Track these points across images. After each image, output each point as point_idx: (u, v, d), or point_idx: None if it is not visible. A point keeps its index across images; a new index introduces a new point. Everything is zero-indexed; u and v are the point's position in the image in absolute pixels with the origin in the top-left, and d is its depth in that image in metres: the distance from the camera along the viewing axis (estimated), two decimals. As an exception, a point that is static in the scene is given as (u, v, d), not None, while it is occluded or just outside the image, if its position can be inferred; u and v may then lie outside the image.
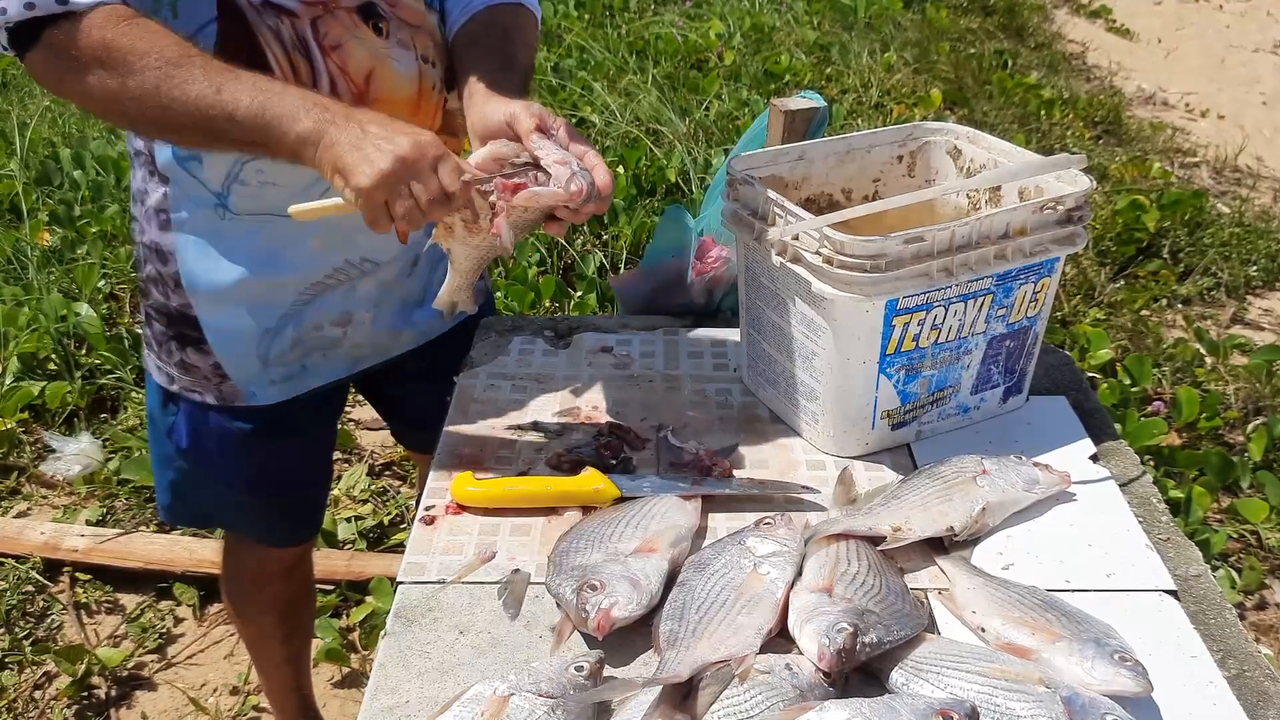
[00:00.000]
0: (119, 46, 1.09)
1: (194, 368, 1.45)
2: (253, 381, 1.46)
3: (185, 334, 1.43)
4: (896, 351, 1.28)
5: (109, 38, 1.08)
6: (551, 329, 1.65)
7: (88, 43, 1.09)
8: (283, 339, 1.44)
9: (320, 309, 1.45)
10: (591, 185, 1.12)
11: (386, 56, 1.28)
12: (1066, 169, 1.32)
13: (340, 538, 2.61)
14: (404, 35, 1.30)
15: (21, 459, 2.87)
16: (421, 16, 1.33)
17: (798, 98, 1.74)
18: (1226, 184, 4.85)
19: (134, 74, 1.09)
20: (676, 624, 1.02)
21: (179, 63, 1.09)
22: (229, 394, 1.46)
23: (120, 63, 1.09)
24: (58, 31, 1.09)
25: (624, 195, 3.83)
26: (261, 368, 1.45)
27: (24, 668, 2.31)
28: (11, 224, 3.76)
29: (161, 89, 1.08)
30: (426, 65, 1.33)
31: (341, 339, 1.49)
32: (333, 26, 1.24)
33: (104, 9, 1.10)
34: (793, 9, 6.34)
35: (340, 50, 1.25)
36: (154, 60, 1.08)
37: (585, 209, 1.14)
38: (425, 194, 1.06)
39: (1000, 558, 1.18)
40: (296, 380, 1.49)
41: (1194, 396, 2.93)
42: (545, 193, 1.11)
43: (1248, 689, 1.03)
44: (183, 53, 1.10)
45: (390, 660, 1.06)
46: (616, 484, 1.24)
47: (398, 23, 1.30)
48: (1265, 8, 7.70)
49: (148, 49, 1.09)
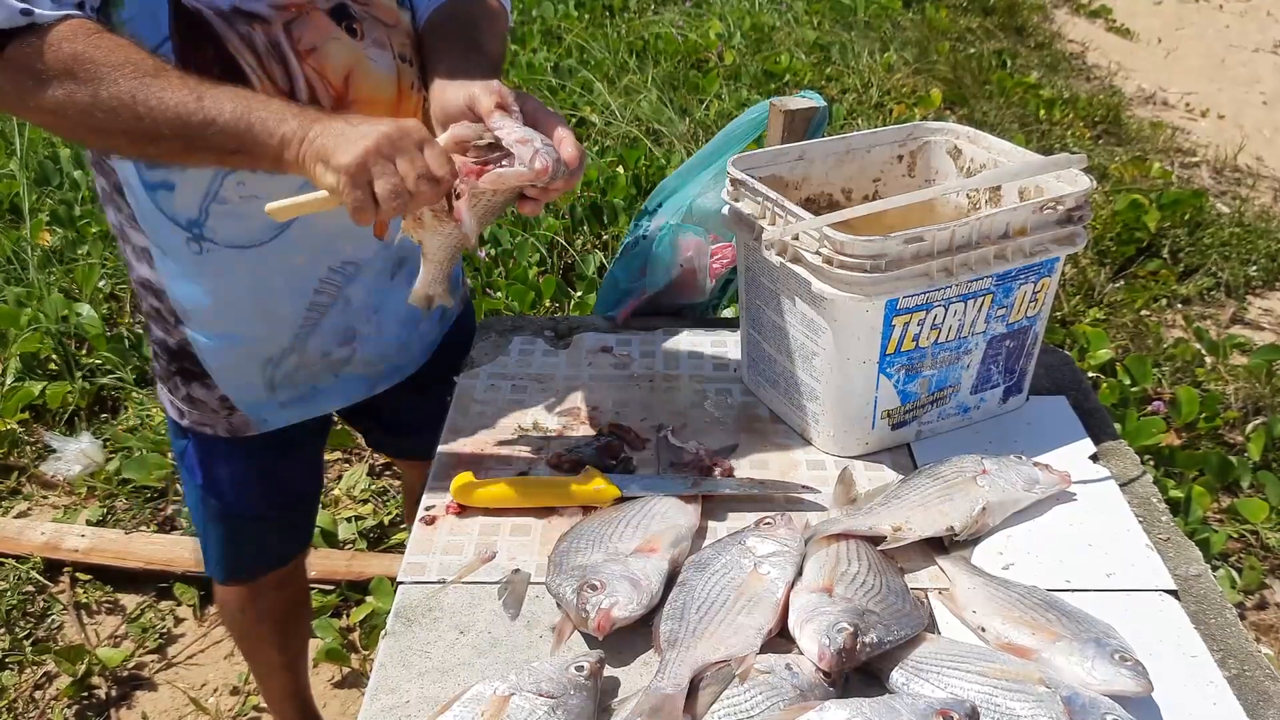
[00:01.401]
0: (90, 58, 1.05)
1: (201, 402, 1.44)
2: (262, 408, 1.44)
3: (188, 369, 1.41)
4: (896, 351, 1.28)
5: (79, 49, 1.05)
6: (551, 329, 1.65)
7: (56, 56, 1.05)
8: (286, 365, 1.42)
9: (323, 335, 1.42)
10: (557, 161, 1.07)
11: (363, 57, 1.26)
12: (1066, 169, 1.32)
13: (340, 538, 2.61)
14: (379, 35, 1.28)
15: (22, 459, 2.87)
16: (395, 15, 1.31)
17: (798, 98, 1.74)
18: (1226, 184, 4.85)
19: (107, 84, 1.05)
20: (677, 624, 1.03)
21: (155, 73, 1.06)
22: (239, 425, 1.45)
23: (92, 74, 1.05)
24: (22, 45, 1.05)
25: (624, 195, 3.83)
26: (269, 394, 1.44)
27: (24, 668, 2.31)
28: (12, 224, 3.76)
29: (138, 98, 1.05)
30: (404, 64, 1.31)
31: (352, 356, 1.47)
32: (306, 30, 1.21)
33: (71, 22, 1.07)
34: (793, 9, 6.34)
35: (316, 53, 1.22)
36: (129, 70, 1.05)
37: (555, 185, 1.10)
38: (412, 171, 1.03)
39: (1000, 558, 1.18)
40: (309, 403, 1.48)
41: (1194, 396, 2.93)
42: (509, 173, 1.06)
43: (1248, 689, 1.03)
44: (158, 64, 1.08)
45: (390, 660, 1.06)
46: (616, 484, 1.24)
47: (372, 22, 1.27)
48: (1265, 8, 7.69)
49: (122, 60, 1.06)
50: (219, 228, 1.29)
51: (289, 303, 1.38)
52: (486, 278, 3.42)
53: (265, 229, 1.30)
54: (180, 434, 1.51)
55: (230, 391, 1.42)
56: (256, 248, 1.31)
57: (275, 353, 1.41)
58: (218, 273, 1.32)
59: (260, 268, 1.33)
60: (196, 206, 1.28)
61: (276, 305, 1.37)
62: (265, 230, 1.30)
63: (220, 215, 1.28)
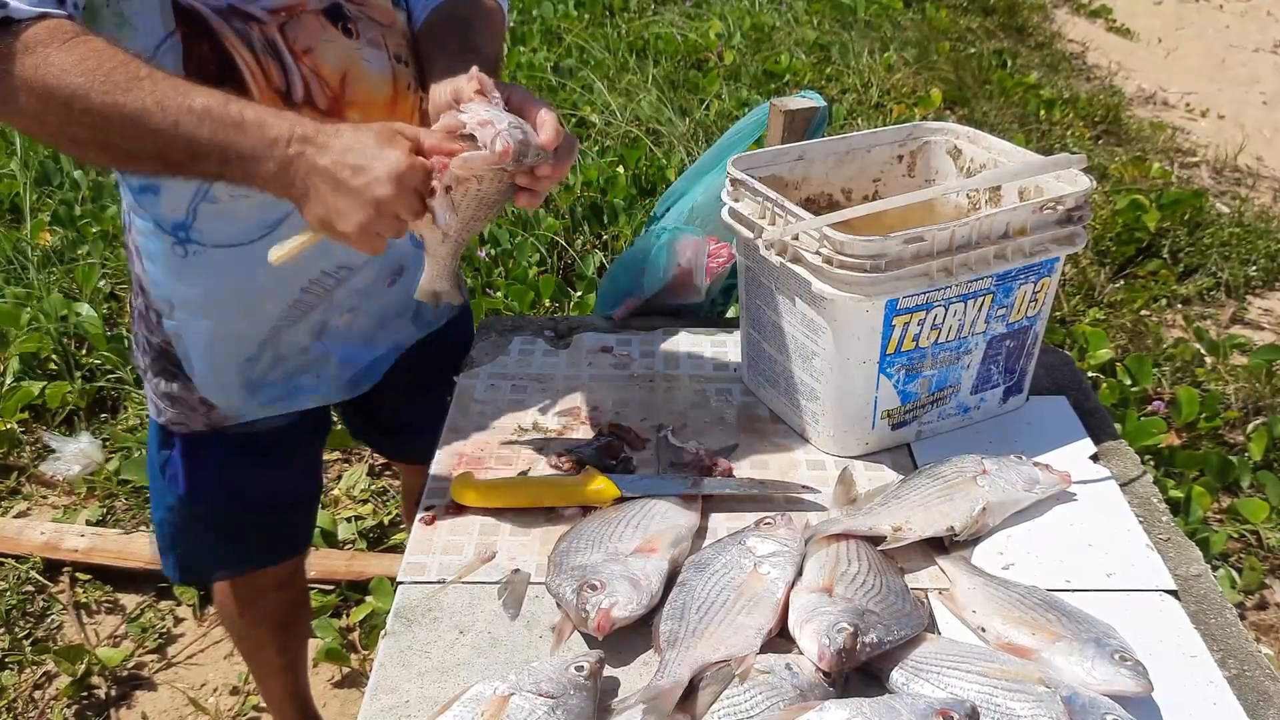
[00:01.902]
0: (63, 67, 0.99)
1: (180, 400, 1.43)
2: (236, 404, 1.44)
3: (168, 368, 1.41)
4: (896, 351, 1.28)
5: (52, 56, 0.99)
6: (551, 329, 1.65)
7: (30, 61, 0.99)
8: (263, 362, 1.42)
9: (300, 329, 1.42)
10: (522, 143, 1.03)
11: (359, 57, 1.25)
12: (1066, 169, 1.32)
13: (340, 538, 2.61)
14: (375, 35, 1.28)
15: (21, 459, 2.87)
16: (391, 15, 1.31)
17: (797, 97, 1.74)
18: (1226, 184, 4.85)
19: (79, 99, 0.99)
20: (677, 624, 1.03)
21: (127, 88, 1.00)
22: (218, 420, 1.45)
23: (65, 87, 0.99)
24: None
25: (624, 195, 3.83)
26: (248, 395, 1.44)
27: (24, 668, 2.31)
28: (12, 224, 3.76)
29: (112, 118, 1.00)
30: (400, 64, 1.30)
31: (325, 353, 1.46)
32: (301, 31, 1.21)
33: (48, 23, 1.01)
34: (793, 9, 6.34)
35: (312, 54, 1.22)
36: (100, 82, 0.99)
37: (542, 172, 1.07)
38: (409, 213, 1.04)
39: (1000, 558, 1.18)
40: (287, 400, 1.48)
41: (1194, 396, 2.93)
42: (473, 157, 1.03)
43: (1248, 689, 1.03)
44: (130, 75, 1.01)
45: (390, 660, 1.06)
46: (616, 484, 1.24)
47: (367, 22, 1.27)
48: (1265, 8, 7.69)
49: (94, 68, 1.00)
50: (207, 228, 1.29)
51: (271, 299, 1.38)
52: (486, 278, 3.42)
53: (255, 227, 1.29)
54: (164, 443, 1.50)
55: (208, 392, 1.42)
56: (245, 245, 1.30)
57: (254, 350, 1.40)
58: (203, 273, 1.32)
59: (246, 265, 1.31)
60: (184, 208, 1.27)
61: (259, 301, 1.37)
62: (256, 228, 1.29)
63: (210, 215, 1.28)
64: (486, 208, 1.10)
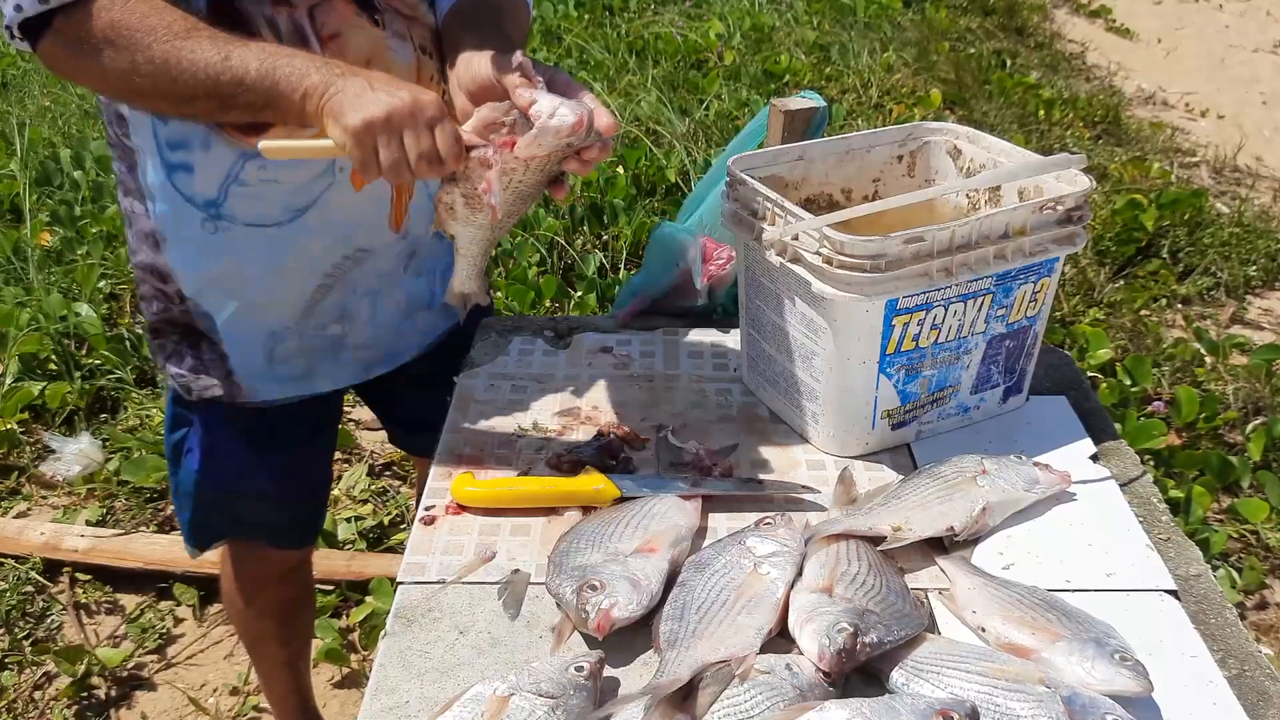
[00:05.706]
0: (127, 25, 1.11)
1: (205, 366, 1.45)
2: (257, 378, 1.46)
3: (193, 331, 1.43)
4: (896, 351, 1.28)
5: (116, 18, 1.11)
6: (551, 329, 1.65)
7: (97, 25, 1.11)
8: (288, 343, 1.45)
9: (323, 311, 1.45)
10: (590, 114, 1.08)
11: (385, 46, 1.29)
12: (1066, 169, 1.32)
13: (340, 538, 2.61)
14: (400, 26, 1.31)
15: (21, 459, 2.87)
16: (416, 8, 1.34)
17: (797, 98, 1.74)
18: (1226, 184, 4.85)
19: (142, 50, 1.11)
20: (677, 624, 1.02)
21: (186, 34, 1.12)
22: (233, 391, 1.47)
23: (129, 41, 1.11)
24: (68, 18, 1.12)
25: (624, 195, 3.84)
26: (268, 365, 1.46)
27: (24, 668, 2.31)
28: (12, 224, 3.76)
29: (171, 62, 1.11)
30: (424, 56, 1.34)
31: (343, 337, 1.49)
32: (330, 16, 1.25)
33: None
34: (793, 9, 6.34)
35: (338, 39, 1.25)
36: (162, 34, 1.11)
37: (589, 155, 1.11)
38: (415, 148, 1.06)
39: (1000, 558, 1.18)
40: (303, 382, 1.50)
41: (1194, 396, 2.93)
42: (551, 127, 1.06)
43: (1248, 689, 1.03)
44: (189, 25, 1.12)
45: (390, 660, 1.06)
46: (616, 484, 1.24)
47: (393, 14, 1.31)
48: (1265, 8, 7.69)
49: (155, 24, 1.11)
50: (238, 208, 1.34)
51: (298, 282, 1.42)
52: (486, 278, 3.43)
53: (284, 210, 1.34)
54: (182, 421, 1.52)
55: (234, 362, 1.44)
56: (274, 227, 1.35)
57: (278, 327, 1.44)
58: (232, 249, 1.36)
59: (275, 247, 1.37)
60: (216, 188, 1.32)
61: (285, 283, 1.41)
62: (284, 211, 1.34)
63: (240, 196, 1.33)
64: (522, 201, 1.13)
